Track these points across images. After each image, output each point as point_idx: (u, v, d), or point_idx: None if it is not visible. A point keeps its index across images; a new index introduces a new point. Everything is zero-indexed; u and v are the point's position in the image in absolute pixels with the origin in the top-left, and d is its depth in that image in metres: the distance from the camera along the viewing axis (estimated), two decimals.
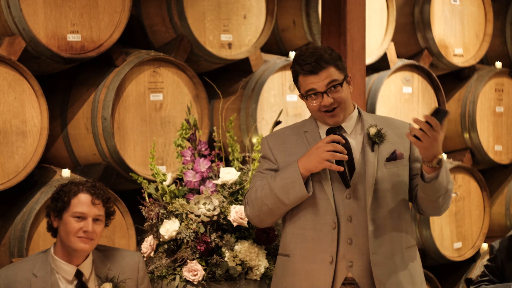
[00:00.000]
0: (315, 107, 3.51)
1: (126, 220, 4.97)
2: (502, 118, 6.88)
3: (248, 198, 3.57)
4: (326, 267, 3.49)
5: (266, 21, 5.65)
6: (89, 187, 3.64)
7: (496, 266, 4.24)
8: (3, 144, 4.56)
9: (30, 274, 3.60)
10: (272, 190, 3.48)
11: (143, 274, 3.78)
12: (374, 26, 6.09)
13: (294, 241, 3.56)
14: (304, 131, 3.60)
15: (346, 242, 3.49)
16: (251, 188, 3.58)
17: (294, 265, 3.56)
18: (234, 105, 5.58)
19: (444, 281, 6.66)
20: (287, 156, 3.55)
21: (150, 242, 4.18)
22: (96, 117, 4.93)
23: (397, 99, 6.22)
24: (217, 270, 4.03)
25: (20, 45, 4.62)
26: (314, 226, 3.51)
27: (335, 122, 3.53)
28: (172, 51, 5.25)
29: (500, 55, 7.09)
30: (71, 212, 3.59)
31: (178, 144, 4.33)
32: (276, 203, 3.50)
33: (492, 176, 7.06)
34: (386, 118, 3.71)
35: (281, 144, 3.60)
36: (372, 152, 3.53)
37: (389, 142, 3.56)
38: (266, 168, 3.60)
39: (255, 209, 3.55)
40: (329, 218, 3.49)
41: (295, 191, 3.46)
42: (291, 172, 3.46)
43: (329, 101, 3.47)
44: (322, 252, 3.50)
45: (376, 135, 3.54)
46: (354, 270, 3.49)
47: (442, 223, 6.43)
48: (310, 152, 3.45)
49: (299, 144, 3.58)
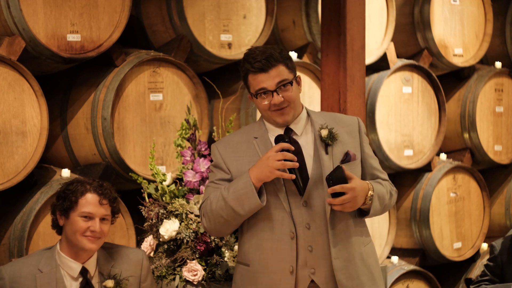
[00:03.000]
0: (265, 106, 3.48)
1: (126, 220, 4.97)
2: (502, 118, 6.88)
3: (204, 211, 3.55)
4: (286, 277, 3.47)
5: (266, 21, 5.65)
6: (97, 187, 3.64)
7: (496, 266, 4.23)
8: (3, 144, 4.56)
9: (35, 269, 3.61)
10: (227, 203, 3.45)
11: (146, 272, 3.78)
12: (374, 26, 6.10)
13: (253, 251, 3.53)
14: (254, 137, 3.56)
15: (306, 250, 3.47)
16: (206, 200, 3.55)
17: (254, 275, 3.53)
18: (234, 105, 5.58)
19: (444, 281, 6.66)
20: (240, 165, 3.52)
21: (150, 242, 4.18)
22: (96, 117, 4.93)
23: (397, 99, 6.22)
24: (217, 270, 4.03)
25: (20, 45, 4.62)
26: (271, 236, 3.48)
27: (284, 121, 3.50)
28: (172, 51, 5.25)
29: (500, 55, 7.09)
30: (79, 212, 3.59)
31: (178, 144, 4.33)
32: (231, 215, 3.47)
33: (492, 176, 7.06)
34: (334, 115, 3.67)
35: (232, 152, 3.56)
36: (327, 155, 3.50)
37: (341, 142, 3.54)
38: (219, 178, 3.56)
39: (211, 222, 3.52)
40: (286, 228, 3.46)
41: (249, 202, 3.42)
42: (244, 184, 3.43)
43: (279, 99, 3.45)
44: (282, 262, 3.47)
45: (328, 136, 3.51)
46: (317, 277, 3.47)
47: (442, 223, 6.43)
48: (260, 162, 3.42)
49: (250, 151, 3.54)
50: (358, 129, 3.61)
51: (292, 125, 3.53)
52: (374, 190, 3.48)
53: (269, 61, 3.44)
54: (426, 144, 6.35)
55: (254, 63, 3.45)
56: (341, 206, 3.39)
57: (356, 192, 3.40)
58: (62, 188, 3.67)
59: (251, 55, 3.48)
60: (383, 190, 3.56)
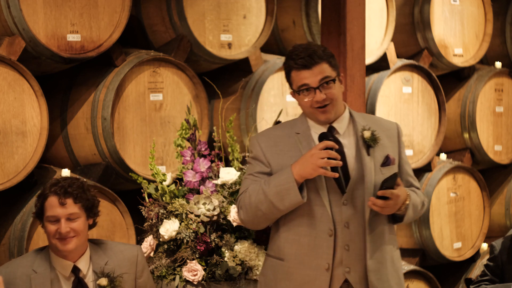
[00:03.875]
0: (307, 103, 3.48)
1: (126, 220, 4.97)
2: (502, 118, 6.88)
3: (242, 203, 3.54)
4: (322, 274, 3.47)
5: (266, 21, 5.65)
6: (56, 188, 3.61)
7: (497, 266, 4.23)
8: (3, 144, 4.56)
9: (30, 270, 3.61)
10: (267, 197, 3.45)
11: (141, 268, 3.76)
12: (374, 26, 6.09)
13: (289, 246, 3.53)
14: (296, 133, 3.56)
15: (343, 249, 3.48)
16: (244, 192, 3.54)
17: (288, 270, 3.53)
18: (234, 105, 5.58)
19: (444, 281, 6.65)
20: (281, 160, 3.51)
21: (150, 242, 4.18)
22: (96, 117, 4.92)
23: (397, 99, 6.22)
24: (217, 270, 4.03)
25: (20, 45, 4.62)
26: (309, 233, 3.49)
27: (326, 119, 3.50)
28: (172, 51, 5.25)
29: (500, 55, 7.09)
30: (45, 217, 3.61)
31: (178, 144, 4.33)
32: (270, 209, 3.47)
33: (492, 176, 7.06)
34: (375, 118, 3.70)
35: (273, 146, 3.56)
36: (368, 156, 3.51)
37: (382, 145, 3.55)
38: (258, 171, 3.55)
39: (249, 214, 3.52)
40: (325, 225, 3.47)
41: (290, 198, 3.43)
42: (286, 179, 3.42)
43: (322, 97, 3.45)
44: (318, 259, 3.48)
45: (371, 138, 3.52)
46: (351, 276, 3.49)
47: (442, 223, 6.43)
48: (304, 158, 3.42)
49: (291, 146, 3.54)
50: (397, 134, 3.64)
51: (335, 124, 3.54)
52: (411, 199, 3.52)
53: (313, 58, 3.45)
54: (426, 144, 6.35)
55: (298, 59, 3.47)
56: (380, 208, 3.42)
57: (398, 200, 3.44)
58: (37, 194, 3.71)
59: (294, 52, 3.50)
60: (417, 200, 3.60)
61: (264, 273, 3.63)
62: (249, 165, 3.62)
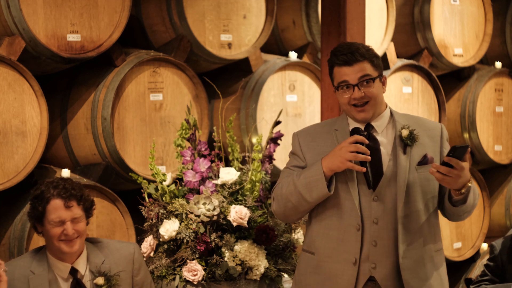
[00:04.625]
0: (345, 99, 3.51)
1: (126, 220, 4.97)
2: (502, 118, 6.88)
3: (275, 194, 3.61)
4: (349, 268, 3.50)
5: (266, 21, 5.65)
6: (60, 190, 3.59)
7: (496, 266, 4.23)
8: (3, 144, 4.56)
9: (27, 271, 3.60)
10: (296, 188, 3.51)
11: (138, 265, 3.76)
12: (374, 26, 6.09)
13: (319, 240, 3.58)
14: (335, 129, 3.61)
15: (370, 244, 3.50)
16: (278, 184, 3.62)
17: (318, 263, 3.58)
18: (234, 105, 5.58)
19: None
20: (316, 155, 3.57)
21: (150, 242, 4.18)
22: (96, 117, 4.93)
23: (397, 99, 6.22)
24: (217, 270, 4.03)
25: (20, 45, 4.62)
26: (338, 226, 3.53)
27: (364, 118, 3.52)
28: (172, 51, 5.25)
29: (500, 55, 7.09)
30: (48, 220, 3.57)
31: (178, 144, 4.33)
32: (299, 201, 3.52)
33: (492, 176, 7.06)
34: (419, 119, 3.69)
35: (311, 141, 3.62)
36: (404, 155, 3.52)
37: (421, 145, 3.55)
38: (294, 165, 3.63)
39: (280, 205, 3.58)
40: (354, 219, 3.50)
41: (318, 190, 3.47)
42: (315, 171, 3.48)
43: (360, 94, 3.48)
44: (346, 253, 3.51)
45: (409, 137, 3.53)
46: (377, 272, 3.50)
47: (442, 223, 6.42)
48: (333, 152, 3.47)
49: (328, 142, 3.59)
50: (440, 135, 3.64)
51: (373, 122, 3.55)
52: (472, 183, 3.49)
53: (354, 55, 3.48)
54: None
55: (340, 55, 3.50)
56: (441, 176, 3.37)
57: (462, 173, 3.38)
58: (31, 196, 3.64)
59: (338, 48, 3.54)
60: (476, 189, 3.58)
61: (298, 267, 3.69)
62: (289, 160, 3.69)
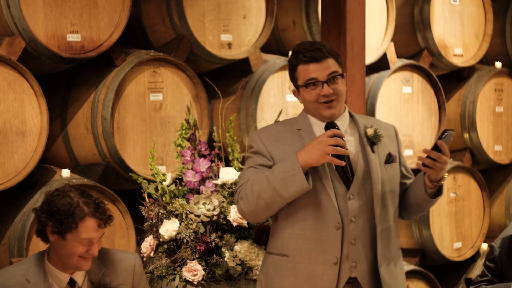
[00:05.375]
0: (313, 97, 3.48)
1: (126, 220, 4.97)
2: (502, 118, 6.88)
3: (243, 193, 3.48)
4: (330, 268, 3.46)
5: (266, 21, 5.65)
6: (95, 210, 3.50)
7: (496, 266, 4.23)
8: (3, 144, 4.56)
9: (23, 279, 3.53)
10: (271, 184, 3.40)
11: (138, 278, 3.70)
12: (374, 26, 6.10)
13: (294, 241, 3.50)
14: (297, 129, 3.56)
15: (350, 243, 3.47)
16: (244, 182, 3.49)
17: (294, 265, 3.50)
18: (234, 105, 5.58)
19: (444, 281, 6.65)
20: (284, 153, 3.49)
21: (150, 242, 4.18)
22: (96, 117, 4.93)
23: (397, 99, 6.22)
24: (217, 270, 4.03)
25: (20, 45, 4.62)
26: (316, 226, 3.47)
27: (331, 114, 3.50)
28: (172, 51, 5.25)
29: (500, 55, 7.09)
30: (79, 238, 3.48)
31: (178, 144, 4.33)
32: (274, 197, 3.42)
33: (492, 176, 7.06)
34: (374, 119, 3.72)
35: (274, 140, 3.54)
36: (373, 153, 3.53)
37: (383, 144, 3.57)
38: (260, 164, 3.51)
39: (250, 204, 3.46)
40: (333, 218, 3.46)
41: (295, 184, 3.39)
42: (291, 165, 3.39)
43: (329, 91, 3.46)
44: (325, 253, 3.47)
45: (375, 135, 3.54)
46: (357, 270, 3.49)
47: (442, 223, 6.43)
48: (311, 145, 3.41)
49: (293, 141, 3.53)
50: (395, 134, 3.68)
51: (336, 121, 3.53)
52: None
53: (321, 52, 3.47)
54: (426, 144, 6.35)
55: (306, 53, 3.47)
56: (432, 162, 3.39)
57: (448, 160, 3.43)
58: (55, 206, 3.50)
59: (302, 46, 3.52)
60: None
61: (265, 271, 3.59)
62: (249, 159, 3.57)
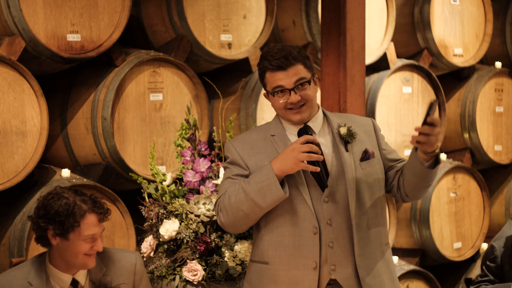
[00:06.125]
0: (281, 104, 3.46)
1: (126, 220, 4.97)
2: (502, 118, 6.88)
3: (221, 205, 3.49)
4: (310, 273, 3.45)
5: (266, 21, 5.65)
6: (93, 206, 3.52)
7: (496, 267, 4.23)
8: (3, 144, 4.56)
9: (25, 282, 3.54)
10: (248, 195, 3.40)
11: (139, 277, 3.71)
12: (374, 26, 6.10)
13: (273, 248, 3.49)
14: (271, 135, 3.54)
15: (327, 246, 3.45)
16: (223, 194, 3.49)
17: (274, 273, 3.49)
18: (234, 105, 5.58)
19: (444, 281, 6.66)
20: (258, 161, 3.49)
21: (150, 242, 4.18)
22: (96, 117, 4.93)
23: (397, 99, 6.22)
24: (217, 270, 4.03)
25: (20, 45, 4.62)
26: (293, 232, 3.46)
27: (300, 120, 3.48)
28: (172, 51, 5.25)
29: (500, 55, 7.09)
30: (82, 236, 3.49)
31: (178, 144, 4.33)
32: (252, 208, 3.42)
33: (492, 176, 7.07)
34: (350, 116, 3.68)
35: (249, 149, 3.53)
36: (347, 152, 3.51)
37: (359, 141, 3.54)
38: (236, 174, 3.51)
39: (229, 216, 3.46)
40: (309, 223, 3.45)
41: (272, 194, 3.38)
42: (266, 175, 3.39)
43: (297, 98, 3.44)
44: (304, 258, 3.45)
45: (348, 134, 3.52)
46: (337, 273, 3.46)
47: (442, 223, 6.43)
48: (284, 153, 3.39)
49: (268, 148, 3.52)
50: (373, 128, 3.63)
51: (309, 123, 3.52)
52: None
53: (288, 60, 3.43)
54: None
55: (273, 60, 3.44)
56: (427, 138, 3.35)
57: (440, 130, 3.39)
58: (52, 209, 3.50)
59: (269, 52, 3.47)
60: None
61: (249, 279, 3.60)
62: (226, 170, 3.57)
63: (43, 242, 3.58)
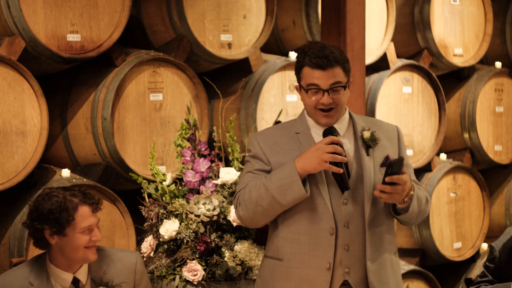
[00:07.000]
0: (312, 102, 3.45)
1: (126, 220, 4.97)
2: (502, 118, 6.88)
3: (241, 199, 3.48)
4: (323, 273, 3.44)
5: (266, 21, 5.65)
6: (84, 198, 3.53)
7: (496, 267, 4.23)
8: (3, 144, 4.56)
9: (26, 282, 3.54)
10: (268, 191, 3.40)
11: (140, 276, 3.72)
12: (374, 26, 6.10)
13: (288, 246, 3.49)
14: (296, 132, 3.53)
15: (343, 249, 3.45)
16: (243, 188, 3.49)
17: (288, 270, 3.49)
18: (234, 105, 5.58)
19: (444, 281, 6.66)
20: (281, 158, 3.48)
21: (150, 242, 4.18)
22: (96, 117, 4.93)
23: (397, 99, 6.22)
24: (217, 270, 4.03)
25: (20, 45, 4.62)
26: (310, 231, 3.45)
27: (327, 123, 3.48)
28: (172, 51, 5.25)
29: (500, 55, 7.09)
30: (78, 229, 3.50)
31: (178, 144, 4.33)
32: (272, 204, 3.42)
33: (492, 176, 7.06)
34: (376, 121, 3.67)
35: (272, 144, 3.52)
36: (368, 156, 3.50)
37: (381, 146, 3.53)
38: (257, 169, 3.51)
39: (248, 210, 3.46)
40: (327, 223, 3.44)
41: (293, 192, 3.38)
42: (289, 173, 3.39)
43: (329, 100, 3.42)
44: (319, 258, 3.45)
45: (371, 139, 3.51)
46: (351, 276, 3.46)
47: (442, 223, 6.43)
48: (308, 152, 3.39)
49: (291, 145, 3.51)
50: (397, 136, 3.62)
51: (335, 124, 3.51)
52: (415, 191, 3.47)
53: (329, 60, 3.40)
54: (426, 144, 6.35)
55: (314, 57, 3.40)
56: (389, 195, 3.36)
57: (405, 186, 3.39)
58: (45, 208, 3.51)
59: (312, 48, 3.43)
60: (421, 194, 3.54)
61: (261, 274, 3.59)
62: (247, 164, 3.56)
63: (42, 244, 3.58)
